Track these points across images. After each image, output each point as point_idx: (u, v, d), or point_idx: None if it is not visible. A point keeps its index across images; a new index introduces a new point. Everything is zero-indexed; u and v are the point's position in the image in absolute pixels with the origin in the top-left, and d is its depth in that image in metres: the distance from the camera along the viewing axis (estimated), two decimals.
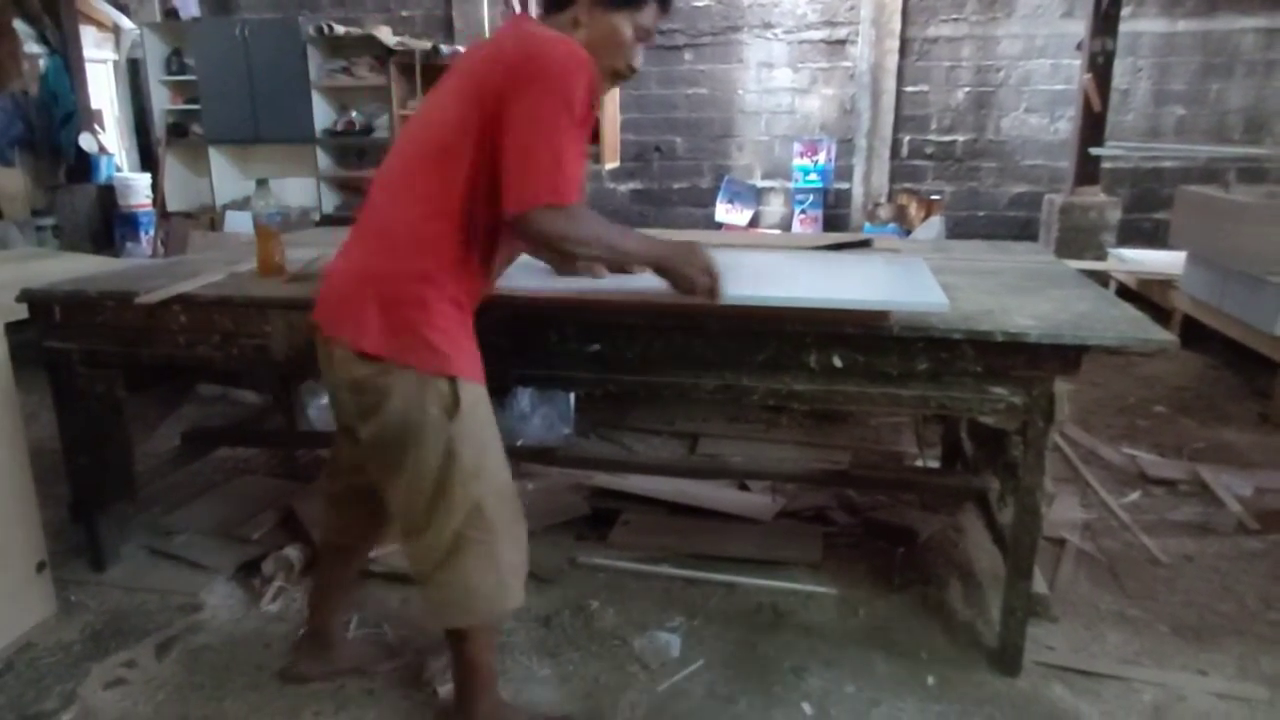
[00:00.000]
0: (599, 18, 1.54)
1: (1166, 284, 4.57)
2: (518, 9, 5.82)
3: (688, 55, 6.56)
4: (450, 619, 1.59)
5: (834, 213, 6.58)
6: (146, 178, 6.61)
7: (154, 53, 6.53)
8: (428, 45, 5.92)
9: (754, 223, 6.66)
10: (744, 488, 2.79)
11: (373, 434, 1.50)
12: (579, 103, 1.41)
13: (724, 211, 6.62)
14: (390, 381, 1.45)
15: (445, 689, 1.83)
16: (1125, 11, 5.43)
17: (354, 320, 1.47)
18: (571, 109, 1.40)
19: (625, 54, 1.57)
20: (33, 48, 6.29)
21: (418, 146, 1.53)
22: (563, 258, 1.80)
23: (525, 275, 1.87)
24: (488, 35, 6.57)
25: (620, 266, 1.84)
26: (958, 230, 6.28)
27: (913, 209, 6.22)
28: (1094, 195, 5.51)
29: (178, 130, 6.65)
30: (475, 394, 1.51)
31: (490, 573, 1.54)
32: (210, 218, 6.37)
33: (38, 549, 2.07)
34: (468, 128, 1.43)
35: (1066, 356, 1.69)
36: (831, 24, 6.33)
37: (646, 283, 1.84)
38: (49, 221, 6.26)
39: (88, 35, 6.74)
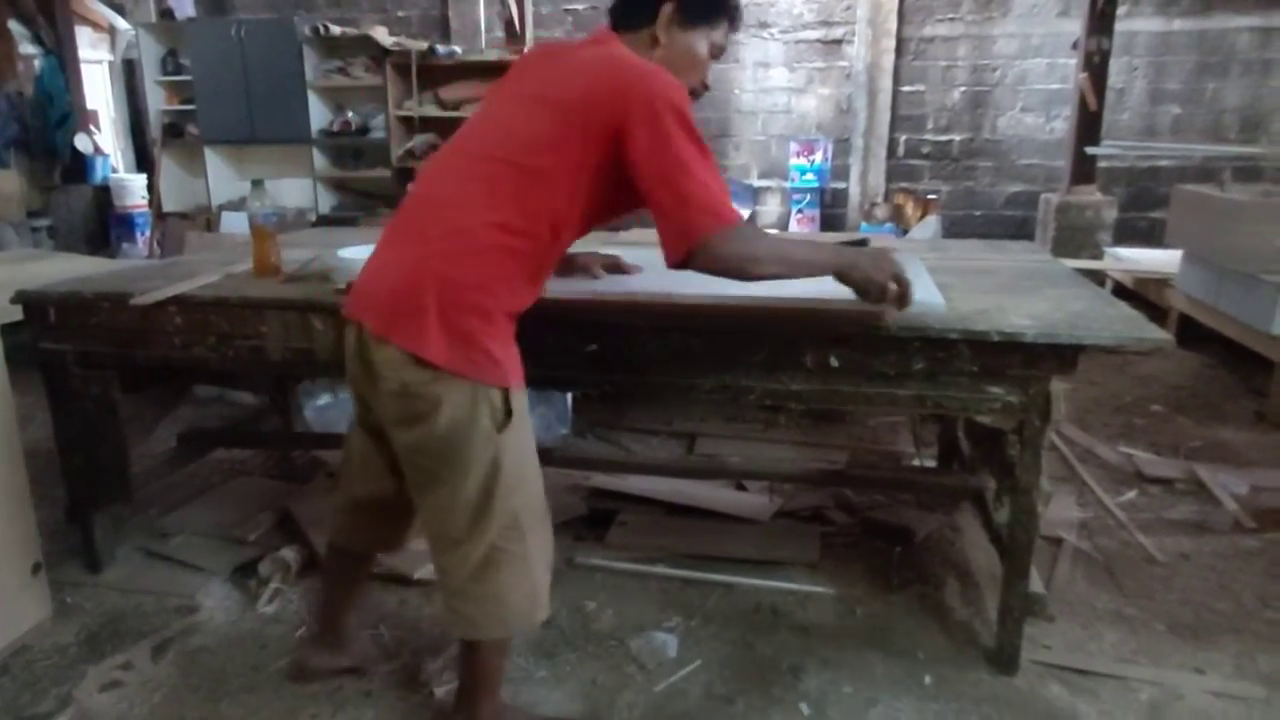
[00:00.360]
0: (677, 35, 1.55)
1: (1162, 283, 4.58)
2: (514, 11, 5.82)
3: None
4: (481, 631, 1.55)
5: (831, 212, 6.58)
6: (142, 178, 6.60)
7: (149, 53, 6.52)
8: (424, 45, 5.91)
9: (751, 222, 6.66)
10: (741, 488, 2.79)
11: (416, 441, 1.45)
12: (694, 126, 1.41)
13: None
14: (443, 390, 1.40)
15: (442, 690, 1.82)
16: (1121, 11, 5.44)
17: (412, 323, 1.39)
18: (695, 134, 1.40)
19: (700, 71, 1.59)
20: (27, 48, 6.28)
21: (493, 151, 1.46)
22: (746, 280, 1.54)
23: None
24: (483, 36, 6.56)
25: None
26: (954, 229, 6.29)
27: (909, 208, 6.23)
28: (1090, 194, 5.53)
29: (173, 131, 6.64)
30: (521, 406, 1.49)
31: (523, 585, 1.52)
32: (206, 218, 6.37)
33: (33, 551, 2.06)
34: (564, 150, 1.41)
35: (1063, 356, 1.69)
36: (827, 24, 6.34)
37: (643, 284, 1.84)
38: (44, 223, 6.25)
39: (83, 36, 6.73)
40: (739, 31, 1.67)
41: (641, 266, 2.00)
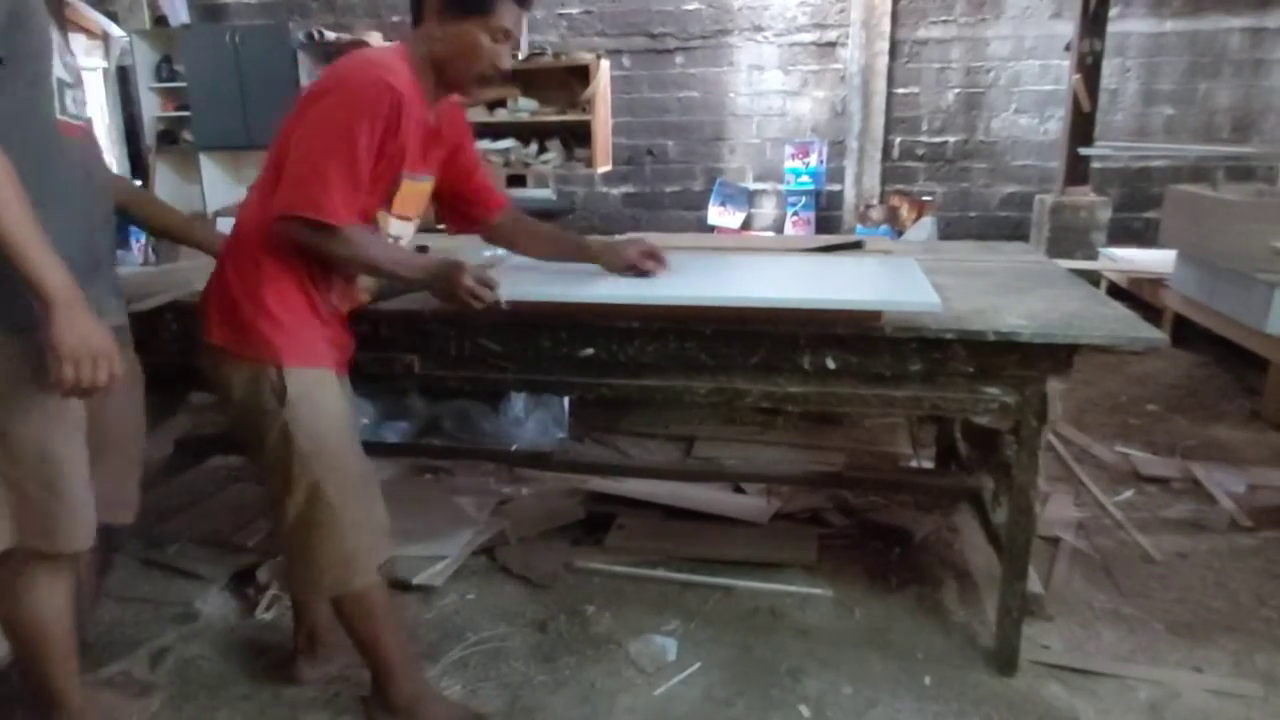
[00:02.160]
0: (450, 28, 1.58)
1: (1157, 283, 4.59)
2: None
3: (678, 58, 6.56)
4: (301, 591, 1.71)
5: (826, 214, 6.59)
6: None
7: (143, 60, 6.50)
8: None
9: (747, 225, 6.66)
10: (739, 490, 2.79)
11: (229, 420, 1.65)
12: (363, 129, 1.48)
13: (716, 214, 6.62)
14: (229, 371, 1.57)
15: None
16: (1113, 12, 5.46)
17: (202, 314, 1.62)
18: (350, 133, 1.47)
19: (485, 59, 1.60)
20: None
21: (269, 158, 1.62)
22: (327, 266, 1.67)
23: (519, 282, 1.86)
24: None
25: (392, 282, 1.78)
26: (949, 231, 6.30)
27: (904, 210, 6.24)
28: (1084, 195, 5.54)
29: (168, 137, 6.63)
30: (307, 380, 1.56)
31: (333, 552, 1.60)
32: None
33: None
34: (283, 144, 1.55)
35: (1058, 356, 1.70)
36: (821, 26, 6.35)
37: (640, 288, 1.84)
38: None
39: (76, 43, 6.72)
40: (530, 8, 1.66)
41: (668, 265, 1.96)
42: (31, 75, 1.39)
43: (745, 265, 2.18)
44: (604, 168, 5.36)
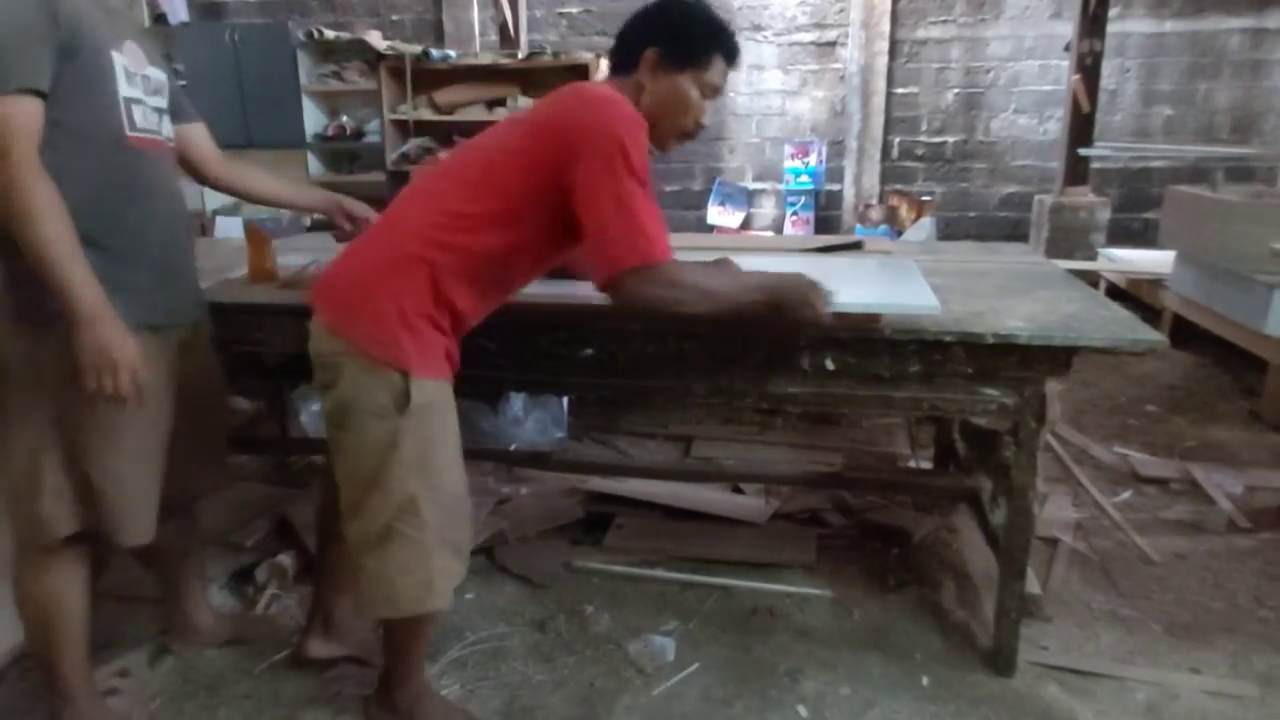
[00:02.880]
0: (662, 79, 1.56)
1: (1156, 284, 4.59)
2: (508, 15, 5.83)
3: None
4: (374, 609, 1.62)
5: (825, 214, 6.59)
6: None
7: None
8: (418, 49, 5.90)
9: (746, 225, 6.67)
10: (738, 491, 2.79)
11: (327, 408, 1.56)
12: (638, 163, 1.43)
13: (716, 214, 6.63)
14: (345, 362, 1.50)
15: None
16: (1113, 12, 5.46)
17: (332, 300, 1.55)
18: (636, 170, 1.42)
19: (692, 114, 1.61)
20: None
21: (461, 169, 1.58)
22: (672, 316, 1.62)
23: None
24: (477, 40, 6.58)
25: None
26: (949, 231, 6.31)
27: (904, 210, 6.24)
28: (1083, 195, 5.54)
29: None
30: (431, 393, 1.51)
31: (417, 570, 1.54)
32: (201, 224, 6.35)
33: None
34: (517, 165, 1.49)
35: (1057, 357, 1.70)
36: (821, 26, 6.35)
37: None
38: None
39: None
40: (737, 68, 1.66)
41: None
42: (92, 100, 1.50)
43: (744, 266, 2.18)
44: None
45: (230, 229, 5.80)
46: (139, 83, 1.59)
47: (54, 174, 1.40)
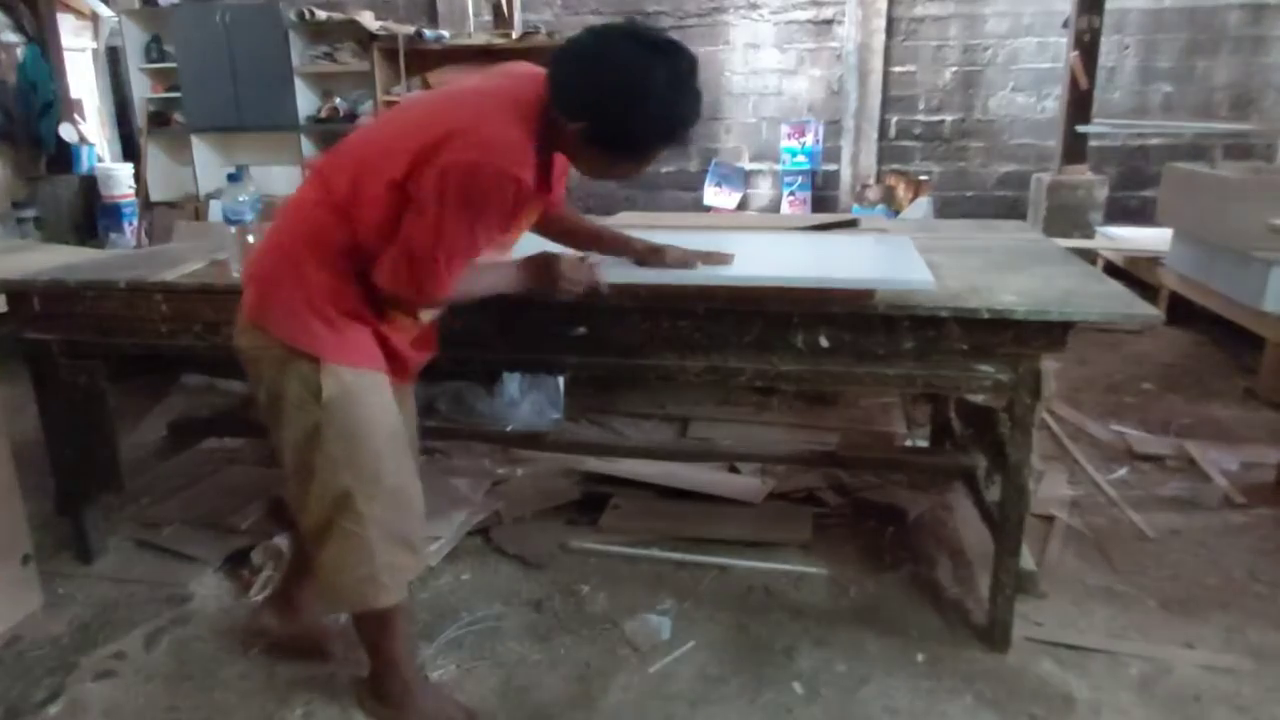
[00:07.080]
0: (585, 148, 1.48)
1: (1153, 261, 4.58)
2: None
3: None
4: (324, 603, 1.63)
5: (822, 194, 6.56)
6: (129, 167, 6.53)
7: (133, 40, 6.43)
8: (411, 30, 5.85)
9: (742, 205, 6.63)
10: (734, 470, 2.79)
11: (260, 403, 1.55)
12: (484, 225, 1.42)
13: (712, 195, 6.59)
14: (263, 353, 1.50)
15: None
16: None
17: (247, 292, 1.53)
18: (472, 233, 1.41)
19: (615, 178, 1.66)
20: (8, 36, 6.19)
21: (361, 150, 1.51)
22: None
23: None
24: (470, 20, 6.51)
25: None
26: (946, 210, 6.27)
27: (901, 189, 6.21)
28: (1081, 173, 5.51)
29: (159, 119, 6.57)
30: (348, 381, 1.47)
31: (359, 566, 1.52)
32: (194, 207, 6.31)
33: (22, 542, 2.06)
34: (383, 173, 1.42)
35: (1053, 333, 1.69)
36: (818, 4, 6.29)
37: (640, 273, 1.82)
38: (30, 213, 6.18)
39: (65, 23, 6.64)
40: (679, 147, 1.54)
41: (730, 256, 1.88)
42: None
43: (739, 244, 2.17)
44: None
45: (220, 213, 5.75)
46: None
47: None
